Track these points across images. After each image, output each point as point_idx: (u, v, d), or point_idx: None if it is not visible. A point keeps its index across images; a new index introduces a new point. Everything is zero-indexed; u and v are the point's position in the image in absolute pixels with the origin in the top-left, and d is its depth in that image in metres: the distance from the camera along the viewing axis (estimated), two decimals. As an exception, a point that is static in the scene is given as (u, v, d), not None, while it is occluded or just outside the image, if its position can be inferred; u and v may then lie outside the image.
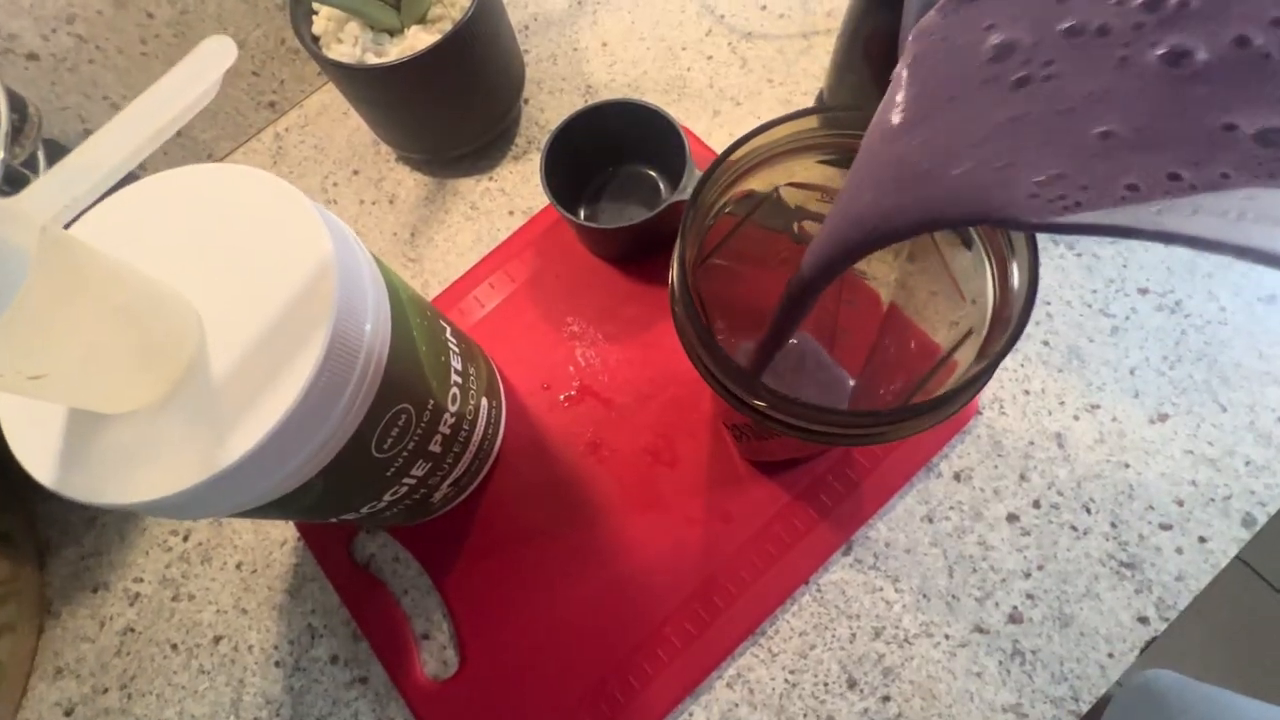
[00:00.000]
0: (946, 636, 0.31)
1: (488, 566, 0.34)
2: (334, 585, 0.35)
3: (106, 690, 0.35)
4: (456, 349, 0.30)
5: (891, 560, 0.33)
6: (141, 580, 0.37)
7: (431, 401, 0.26)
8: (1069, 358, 0.35)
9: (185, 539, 0.37)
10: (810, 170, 0.20)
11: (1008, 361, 0.35)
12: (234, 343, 0.20)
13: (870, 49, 0.32)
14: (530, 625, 0.33)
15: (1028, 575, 0.32)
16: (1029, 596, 0.31)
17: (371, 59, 0.35)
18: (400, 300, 0.25)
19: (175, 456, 0.19)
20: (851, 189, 0.14)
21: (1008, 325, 0.16)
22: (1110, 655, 0.30)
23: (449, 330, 0.30)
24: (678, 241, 0.18)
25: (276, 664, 0.35)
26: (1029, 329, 0.35)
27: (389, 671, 0.33)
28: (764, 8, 0.44)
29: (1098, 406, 0.34)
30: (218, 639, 0.35)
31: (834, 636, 0.32)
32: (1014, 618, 0.31)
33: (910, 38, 0.13)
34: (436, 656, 0.34)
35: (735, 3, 0.45)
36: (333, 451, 0.21)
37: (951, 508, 0.33)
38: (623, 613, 0.33)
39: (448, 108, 0.37)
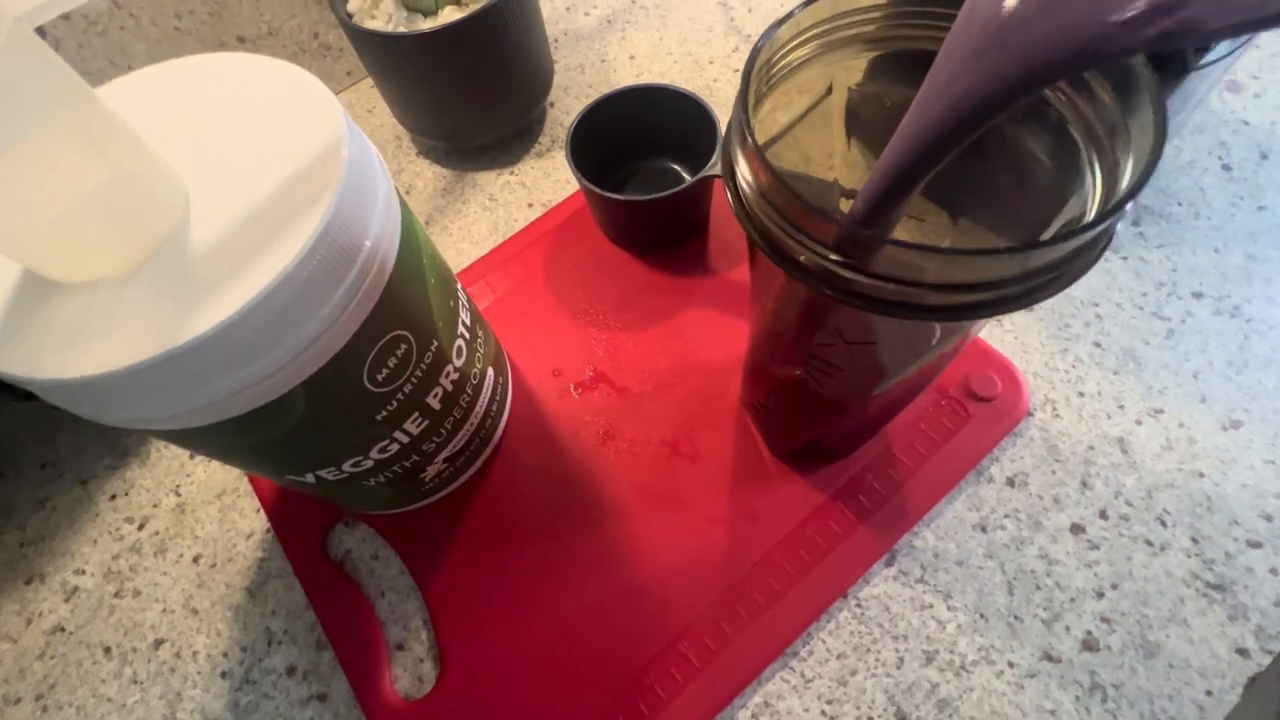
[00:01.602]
0: (1010, 665, 0.27)
1: (479, 567, 0.30)
2: (302, 583, 0.31)
3: (19, 700, 0.30)
4: (466, 305, 0.27)
5: (941, 573, 0.29)
6: (83, 572, 0.32)
7: (435, 343, 0.24)
8: (1124, 360, 0.32)
9: (141, 527, 0.33)
10: (858, 70, 0.19)
11: (1057, 362, 0.32)
12: (221, 220, 0.17)
13: (890, 62, 0.31)
14: (523, 638, 0.28)
15: (1100, 595, 0.27)
16: (1104, 620, 0.27)
17: (403, 35, 0.34)
18: (414, 228, 0.23)
19: (131, 331, 0.16)
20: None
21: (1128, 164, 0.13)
22: (1208, 693, 0.25)
23: (459, 285, 0.27)
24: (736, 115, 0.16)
25: (223, 674, 0.30)
26: (1078, 330, 0.33)
27: (354, 686, 0.28)
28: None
29: (1161, 411, 0.31)
30: (158, 643, 0.31)
31: (878, 660, 0.27)
32: (1089, 644, 0.27)
33: None
34: (411, 671, 0.29)
35: (762, 21, 0.46)
36: (319, 360, 0.19)
37: (1007, 516, 0.29)
38: (632, 626, 0.28)
39: (473, 89, 0.37)
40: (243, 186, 0.18)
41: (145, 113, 0.20)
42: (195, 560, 0.32)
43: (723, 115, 0.41)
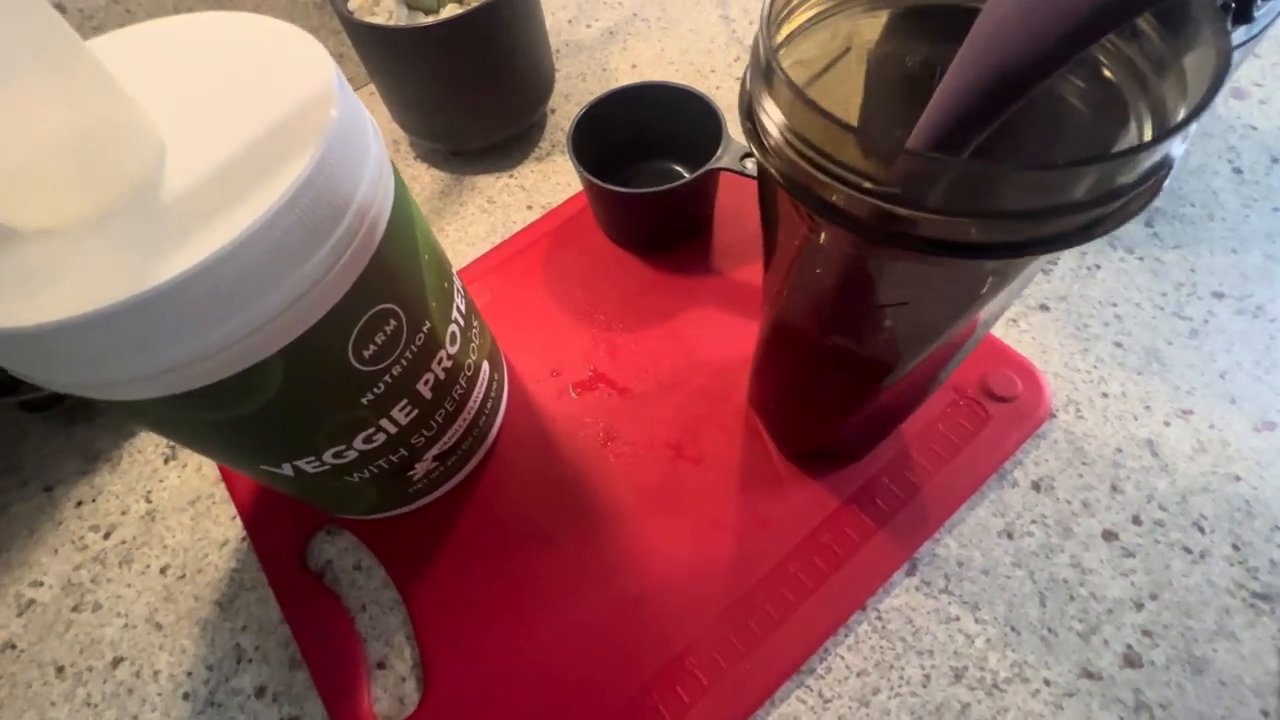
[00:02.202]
0: (1047, 682, 0.24)
1: (469, 578, 0.28)
2: (276, 595, 0.28)
3: (-41, 725, 0.27)
4: (462, 292, 0.26)
5: (967, 583, 0.27)
6: (41, 584, 0.30)
7: (428, 324, 0.22)
8: (1147, 360, 0.31)
9: (106, 536, 0.31)
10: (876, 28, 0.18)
11: (1078, 362, 0.31)
12: (198, 171, 0.16)
13: (898, 76, 0.31)
14: (514, 655, 0.26)
15: (1139, 606, 0.25)
16: (1145, 633, 0.25)
17: (404, 31, 0.34)
18: (407, 200, 0.21)
19: (87, 280, 0.14)
20: None
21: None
22: (1264, 714, 0.23)
23: (454, 270, 0.26)
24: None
25: (185, 696, 0.27)
26: (1097, 330, 0.32)
27: (329, 709, 0.26)
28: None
29: (1190, 412, 0.29)
30: (117, 661, 0.28)
31: (902, 678, 0.25)
32: (1130, 660, 0.25)
33: None
34: (392, 691, 0.26)
35: (764, 34, 0.46)
36: (299, 326, 0.17)
37: (1034, 521, 0.27)
38: (634, 640, 0.26)
39: (471, 87, 0.36)
40: (225, 138, 0.17)
41: (136, 64, 0.19)
42: (163, 571, 0.30)
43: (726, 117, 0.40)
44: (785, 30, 0.17)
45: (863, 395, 0.23)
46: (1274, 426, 0.28)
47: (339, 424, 0.21)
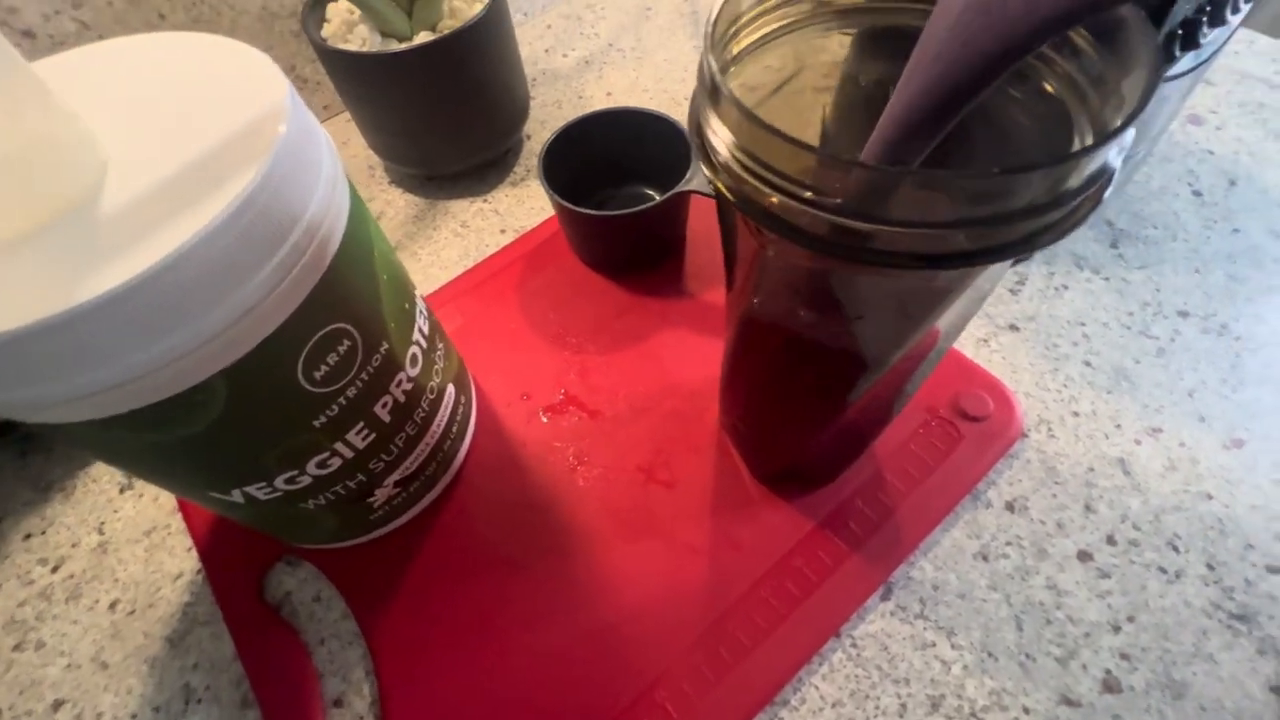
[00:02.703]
0: (1026, 710, 0.24)
1: (433, 607, 0.27)
2: (231, 630, 0.27)
3: (-117, 776, 0.25)
4: (425, 314, 0.25)
5: (943, 607, 0.26)
6: (-18, 622, 0.29)
7: (385, 346, 0.22)
8: (1116, 379, 0.31)
9: (55, 569, 0.30)
10: (832, 52, 0.18)
11: (1048, 382, 0.31)
12: (140, 187, 0.16)
13: (860, 97, 0.32)
14: (478, 689, 0.25)
15: (1117, 629, 0.25)
16: (1123, 657, 0.24)
17: (376, 57, 0.34)
18: (364, 221, 0.21)
19: (18, 294, 0.14)
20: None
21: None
22: (1245, 738, 0.23)
23: (418, 293, 0.26)
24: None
25: (129, 740, 0.26)
26: (1066, 349, 0.32)
27: (280, 751, 0.24)
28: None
29: (1160, 430, 0.29)
30: (58, 704, 0.27)
31: (878, 709, 0.24)
32: (1110, 685, 0.24)
33: None
34: (348, 731, 0.25)
35: (737, 63, 0.47)
36: (243, 345, 0.17)
37: (1009, 543, 0.27)
38: (602, 672, 0.25)
39: (445, 113, 0.37)
40: (172, 155, 0.17)
41: (88, 82, 0.19)
42: (112, 606, 0.29)
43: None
44: (736, 48, 0.17)
45: (828, 411, 0.22)
46: (1242, 444, 0.28)
47: (290, 448, 0.20)
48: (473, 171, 0.42)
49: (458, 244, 0.39)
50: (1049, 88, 0.15)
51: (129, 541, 0.30)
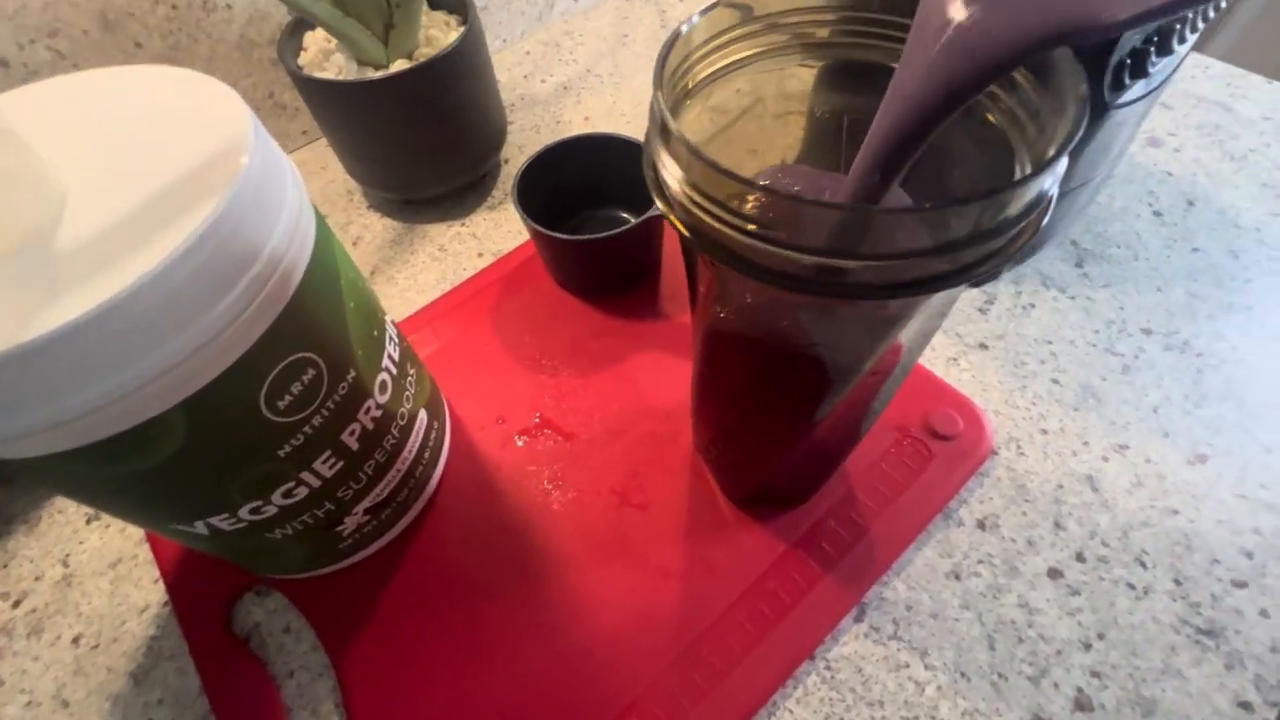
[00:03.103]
0: (999, 730, 0.24)
1: (403, 638, 0.26)
2: (196, 664, 0.27)
3: None
4: (395, 339, 0.25)
5: (916, 628, 0.26)
6: (-61, 660, 0.28)
7: (353, 373, 0.22)
8: (1083, 396, 0.31)
9: (16, 604, 0.29)
10: (794, 80, 0.19)
11: (1017, 399, 0.31)
12: (98, 221, 0.16)
13: (835, 124, 0.32)
14: (454, 717, 0.25)
15: (1087, 646, 0.25)
16: (1094, 674, 0.25)
17: (352, 85, 0.35)
18: (330, 248, 0.21)
19: (-31, 331, 0.14)
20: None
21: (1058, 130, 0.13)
22: (1215, 755, 0.23)
23: (389, 318, 0.26)
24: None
25: (89, 780, 0.25)
26: (1034, 367, 0.32)
27: (245, 788, 0.24)
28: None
29: (1126, 447, 0.30)
30: (16, 744, 0.26)
31: (853, 732, 0.24)
32: (1081, 704, 0.24)
33: None
34: (316, 766, 0.25)
35: (711, 89, 0.48)
36: (202, 376, 0.16)
37: (980, 561, 0.27)
38: (578, 697, 0.25)
39: (422, 139, 0.37)
40: (132, 187, 0.17)
41: (50, 116, 0.19)
42: (75, 641, 0.28)
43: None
44: (693, 81, 0.17)
45: (797, 430, 0.22)
46: (1206, 459, 0.29)
47: (254, 478, 0.20)
48: (451, 195, 0.42)
49: (435, 268, 0.39)
50: (992, 119, 0.16)
51: (94, 574, 0.30)
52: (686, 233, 0.14)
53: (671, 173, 0.14)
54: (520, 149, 0.45)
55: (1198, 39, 0.28)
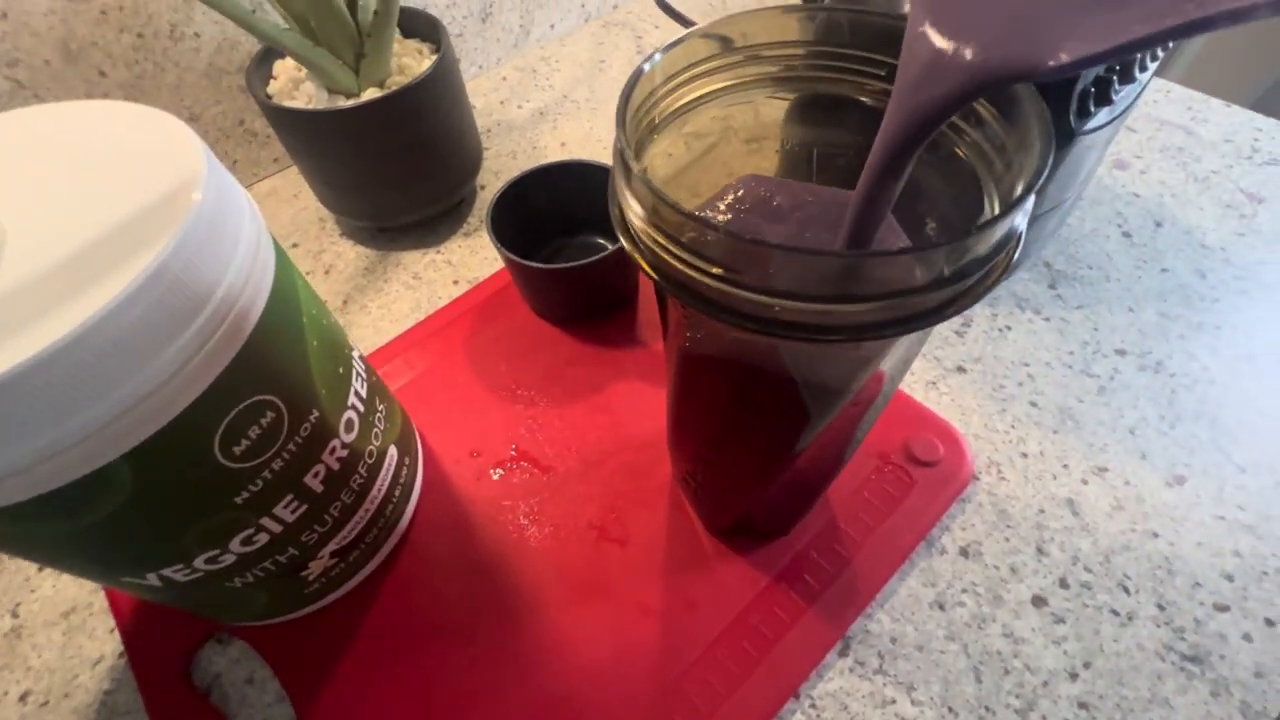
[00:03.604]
0: (988, 767, 0.23)
1: (377, 683, 0.25)
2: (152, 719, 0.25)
3: None
4: (363, 376, 0.25)
5: (902, 661, 0.25)
6: (-127, 723, 0.26)
7: (315, 413, 0.21)
8: (1061, 418, 0.31)
9: (-40, 659, 0.27)
10: (765, 112, 0.19)
11: (996, 423, 0.31)
12: (40, 264, 0.15)
13: (805, 157, 0.32)
14: (422, 771, 0.24)
15: (1074, 676, 0.25)
16: (1082, 706, 0.24)
17: (322, 114, 0.34)
18: (292, 284, 0.21)
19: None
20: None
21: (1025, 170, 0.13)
22: (1205, 786, 0.22)
23: (356, 353, 0.25)
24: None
25: None
26: (1013, 390, 0.32)
27: None
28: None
29: (1105, 469, 0.30)
30: (-45, 813, 0.24)
31: (840, 773, 0.23)
32: (1069, 736, 0.24)
33: None
34: (279, 828, 0.23)
35: (687, 114, 0.48)
36: (150, 425, 0.16)
37: (964, 590, 0.27)
38: (553, 747, 0.24)
39: (394, 168, 0.36)
40: (78, 227, 0.16)
41: (-19, 156, 0.18)
42: (22, 699, 0.26)
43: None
44: (660, 115, 0.17)
45: (777, 463, 0.22)
46: (1183, 480, 0.29)
47: (210, 527, 0.19)
48: (425, 222, 0.42)
49: (409, 296, 0.39)
50: (960, 153, 0.16)
51: (45, 624, 0.28)
52: (653, 274, 0.14)
53: (634, 211, 0.14)
54: (496, 175, 0.45)
55: (1158, 65, 0.28)
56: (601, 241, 0.38)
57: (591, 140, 0.47)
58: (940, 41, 0.12)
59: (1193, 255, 0.37)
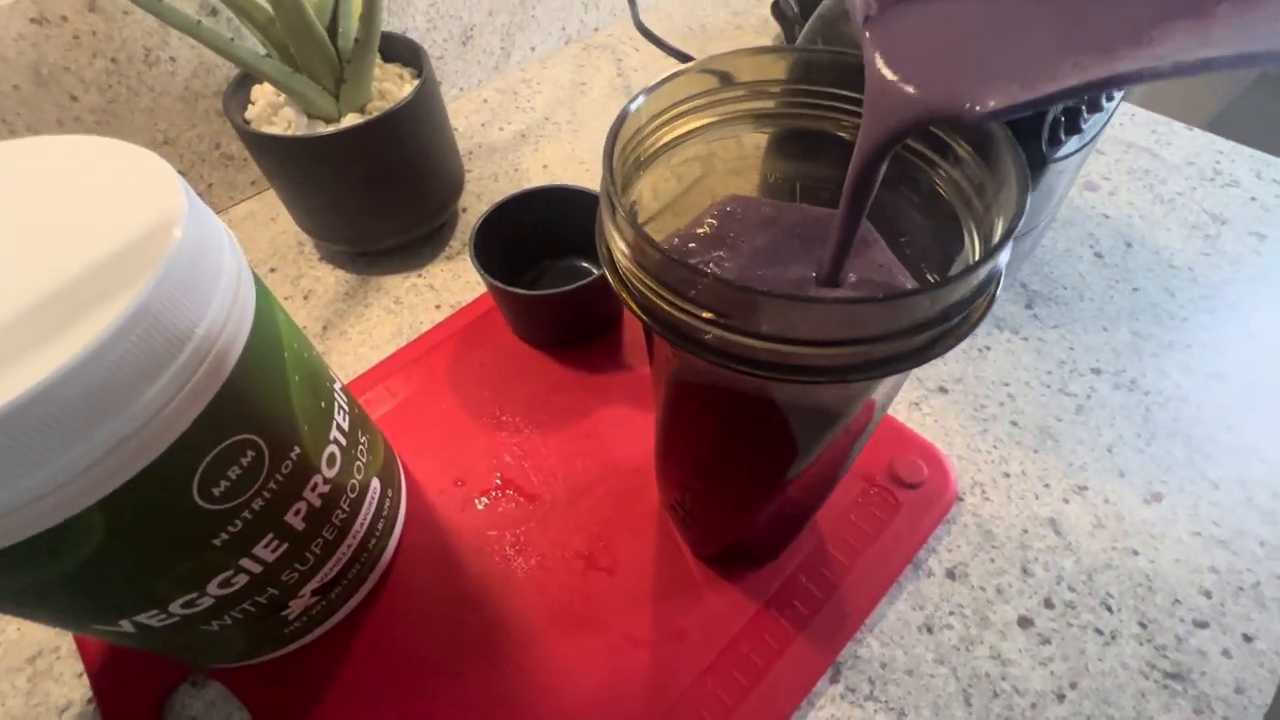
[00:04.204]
0: (980, 793, 0.23)
1: (356, 726, 0.25)
2: (123, 769, 0.24)
3: None
4: (345, 407, 0.24)
5: (892, 686, 0.25)
6: None
7: (297, 450, 0.20)
8: (1041, 438, 0.32)
9: (-84, 710, 0.26)
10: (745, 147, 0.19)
11: (979, 443, 0.32)
12: (12, 307, 0.15)
13: (788, 190, 0.33)
14: (407, 815, 0.23)
15: (1061, 697, 0.25)
16: (1070, 727, 0.24)
17: (302, 140, 0.34)
18: (273, 319, 0.20)
19: None
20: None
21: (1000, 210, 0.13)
22: (1192, 805, 0.23)
23: (338, 385, 0.25)
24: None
25: None
26: (994, 410, 0.33)
27: None
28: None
29: (1085, 488, 0.30)
30: None
31: (833, 803, 0.23)
32: (1059, 758, 0.24)
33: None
34: None
35: (669, 137, 0.48)
36: (125, 471, 0.15)
37: (951, 612, 0.27)
38: (542, 786, 0.23)
39: (375, 194, 0.36)
40: (53, 268, 0.15)
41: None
42: (-16, 750, 0.25)
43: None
44: (645, 152, 0.17)
45: (767, 492, 0.22)
46: (1161, 498, 0.30)
47: (185, 571, 0.19)
48: (407, 246, 0.41)
49: (391, 321, 0.38)
50: (940, 191, 0.16)
51: (10, 670, 0.27)
52: (642, 315, 0.14)
53: (620, 250, 0.14)
54: (478, 197, 0.45)
55: (1124, 94, 0.29)
56: (585, 265, 0.38)
57: (573, 162, 0.47)
58: (884, 80, 0.13)
59: (1162, 275, 0.38)
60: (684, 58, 0.46)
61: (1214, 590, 0.27)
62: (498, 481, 0.31)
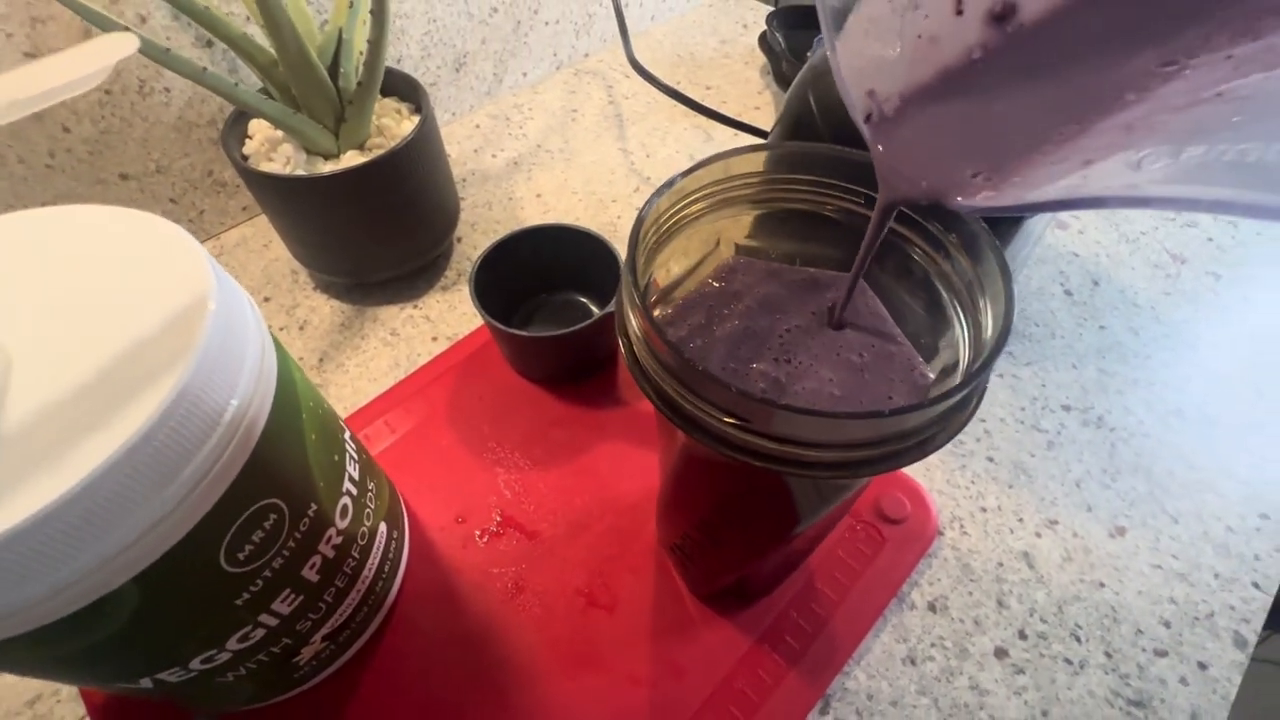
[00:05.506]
0: (960, 819, 0.25)
1: (364, 765, 0.25)
2: (130, 815, 0.24)
3: None
4: (355, 456, 0.25)
5: (878, 718, 0.27)
6: None
7: (314, 506, 0.21)
8: (1015, 473, 0.34)
9: (-87, 758, 0.26)
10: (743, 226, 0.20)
11: (957, 479, 0.33)
12: (48, 394, 0.15)
13: (770, 220, 0.35)
14: None
15: (1034, 725, 0.27)
16: (1042, 753, 0.26)
17: (301, 177, 0.34)
18: (292, 381, 0.21)
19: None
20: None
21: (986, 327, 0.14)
22: (1152, 826, 0.25)
23: (348, 434, 0.25)
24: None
25: None
26: (971, 446, 0.35)
27: None
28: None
29: (1056, 522, 0.32)
30: None
31: (824, 832, 0.25)
32: (1032, 784, 0.25)
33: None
34: None
35: (661, 166, 0.49)
36: (160, 547, 0.16)
37: (933, 644, 0.29)
38: (547, 821, 0.24)
39: (375, 230, 0.37)
40: (82, 355, 0.16)
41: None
42: (-15, 797, 0.25)
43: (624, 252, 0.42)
44: (660, 233, 0.18)
45: (771, 546, 0.23)
46: (1124, 531, 0.32)
47: (208, 631, 0.19)
48: (403, 276, 0.42)
49: (388, 353, 0.39)
50: (935, 283, 0.17)
51: (9, 714, 0.27)
52: (657, 400, 0.15)
53: (637, 333, 0.15)
54: (473, 227, 0.45)
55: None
56: (581, 299, 0.39)
57: (566, 191, 0.48)
58: (881, 162, 0.15)
59: (1127, 313, 0.40)
60: (676, 95, 0.48)
61: (1173, 620, 0.29)
62: (498, 518, 0.32)
